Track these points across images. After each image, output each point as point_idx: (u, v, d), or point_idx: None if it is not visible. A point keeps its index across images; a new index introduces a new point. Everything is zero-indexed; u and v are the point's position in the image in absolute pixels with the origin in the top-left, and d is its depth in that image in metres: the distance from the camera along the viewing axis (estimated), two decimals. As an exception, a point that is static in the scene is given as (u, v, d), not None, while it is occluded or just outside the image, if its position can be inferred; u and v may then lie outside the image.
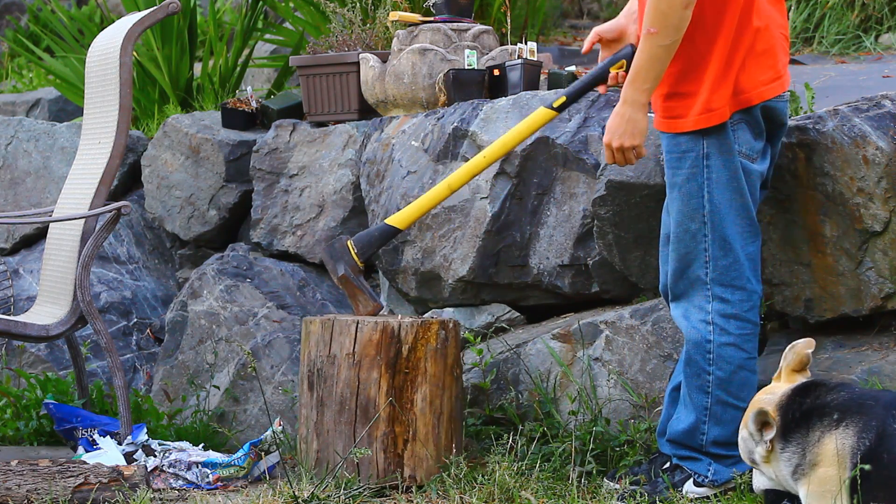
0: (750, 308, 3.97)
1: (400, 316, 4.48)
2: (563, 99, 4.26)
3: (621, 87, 4.02)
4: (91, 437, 4.87)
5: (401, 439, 4.27)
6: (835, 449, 3.38)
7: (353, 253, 4.53)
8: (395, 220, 4.51)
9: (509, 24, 5.74)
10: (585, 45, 4.22)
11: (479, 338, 4.82)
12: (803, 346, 3.64)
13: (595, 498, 4.11)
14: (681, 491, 4.06)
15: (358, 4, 5.74)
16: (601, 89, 4.21)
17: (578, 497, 4.07)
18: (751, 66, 3.90)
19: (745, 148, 3.92)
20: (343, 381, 4.28)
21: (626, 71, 4.11)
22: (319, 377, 4.32)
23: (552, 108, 4.25)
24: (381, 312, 4.52)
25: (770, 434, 3.52)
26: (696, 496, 4.04)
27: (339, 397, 4.29)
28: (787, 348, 3.66)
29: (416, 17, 5.37)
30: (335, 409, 4.29)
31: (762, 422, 3.53)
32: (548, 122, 4.32)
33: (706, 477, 4.03)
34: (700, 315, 3.97)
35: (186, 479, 4.56)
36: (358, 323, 4.28)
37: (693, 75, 3.87)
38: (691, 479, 4.05)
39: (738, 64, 3.87)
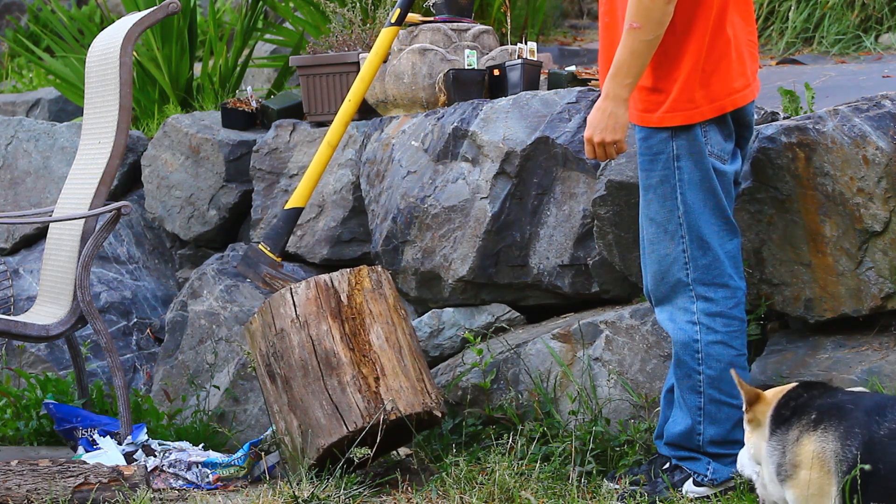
0: (735, 305, 3.99)
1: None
2: (399, 11, 4.70)
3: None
4: (91, 437, 4.87)
5: (371, 378, 4.34)
6: (814, 452, 3.35)
7: (267, 252, 4.76)
8: (293, 200, 4.77)
9: (509, 24, 5.74)
10: None
11: (479, 338, 4.82)
12: None
13: (595, 498, 4.11)
14: (680, 491, 4.06)
15: (358, 4, 5.74)
16: None
17: (578, 497, 4.07)
18: (724, 73, 3.92)
19: (717, 149, 3.95)
20: (298, 346, 4.37)
21: None
22: (276, 359, 4.40)
23: (394, 25, 4.61)
24: None
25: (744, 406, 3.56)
26: (696, 496, 4.04)
27: (299, 363, 4.36)
28: None
29: (416, 17, 5.37)
30: (300, 375, 4.36)
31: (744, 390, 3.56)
32: (394, 39, 4.70)
33: (705, 476, 4.04)
34: (685, 316, 3.98)
35: (186, 479, 4.56)
36: (291, 289, 4.39)
37: (663, 73, 3.89)
38: (691, 479, 4.06)
39: (711, 70, 3.90)
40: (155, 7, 5.11)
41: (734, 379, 3.61)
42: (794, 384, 3.56)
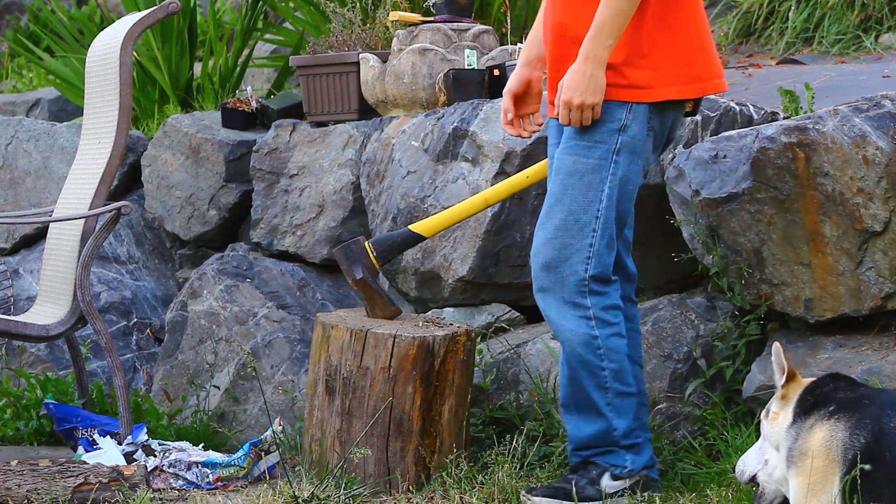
0: (619, 293, 3.96)
1: (422, 320, 4.45)
2: None
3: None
4: (91, 437, 4.87)
5: (429, 451, 4.26)
6: (823, 440, 3.42)
7: (371, 256, 4.46)
8: (420, 227, 4.45)
9: (509, 24, 5.73)
10: (504, 118, 4.15)
11: (479, 338, 4.81)
12: None
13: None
14: (598, 486, 3.98)
15: (358, 4, 5.74)
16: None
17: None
18: (709, 53, 3.87)
19: (650, 157, 3.92)
20: (377, 396, 4.25)
21: (693, 111, 4.03)
22: (347, 386, 4.28)
23: None
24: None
25: (782, 380, 3.60)
26: (614, 489, 3.97)
27: (371, 410, 4.26)
28: None
29: (416, 17, 5.38)
30: (366, 421, 4.26)
31: (781, 366, 3.63)
32: None
33: (625, 467, 3.97)
34: (578, 312, 3.88)
35: (186, 479, 4.56)
36: (395, 338, 4.24)
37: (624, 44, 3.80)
38: (608, 474, 3.98)
39: (697, 47, 3.84)
40: (155, 7, 5.11)
41: (777, 352, 3.61)
42: (823, 374, 3.65)
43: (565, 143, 3.89)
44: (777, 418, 3.62)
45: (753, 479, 3.73)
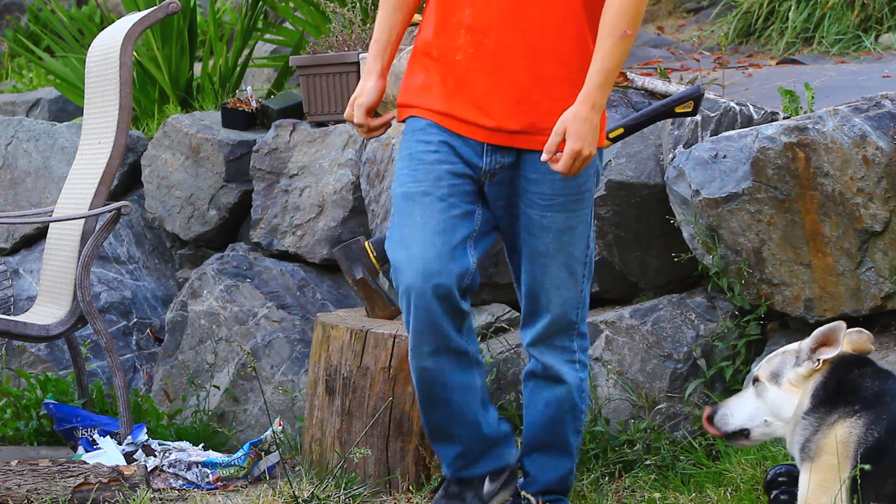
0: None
1: None
2: (621, 130, 4.17)
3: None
4: (91, 437, 4.87)
5: (428, 451, 4.26)
6: (841, 437, 3.41)
7: (371, 255, 4.47)
8: None
9: (509, 24, 5.72)
10: (360, 125, 3.97)
11: (480, 338, 4.81)
12: (867, 338, 3.62)
13: (595, 497, 4.10)
14: None
15: (358, 4, 5.74)
16: None
17: (577, 497, 4.07)
18: None
19: None
20: (377, 395, 4.26)
21: (693, 111, 3.98)
22: (347, 386, 4.29)
23: (607, 139, 4.06)
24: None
25: (827, 353, 3.50)
26: None
27: (371, 410, 4.26)
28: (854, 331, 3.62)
29: (416, 16, 5.37)
30: (366, 420, 4.26)
31: (823, 341, 3.52)
32: None
33: None
34: (567, 356, 3.81)
35: (186, 479, 4.56)
36: (395, 338, 4.24)
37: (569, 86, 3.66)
38: None
39: None
40: (155, 7, 5.11)
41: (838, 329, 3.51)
42: (843, 356, 3.53)
43: (551, 199, 3.70)
44: (794, 391, 3.54)
45: (741, 433, 3.64)
